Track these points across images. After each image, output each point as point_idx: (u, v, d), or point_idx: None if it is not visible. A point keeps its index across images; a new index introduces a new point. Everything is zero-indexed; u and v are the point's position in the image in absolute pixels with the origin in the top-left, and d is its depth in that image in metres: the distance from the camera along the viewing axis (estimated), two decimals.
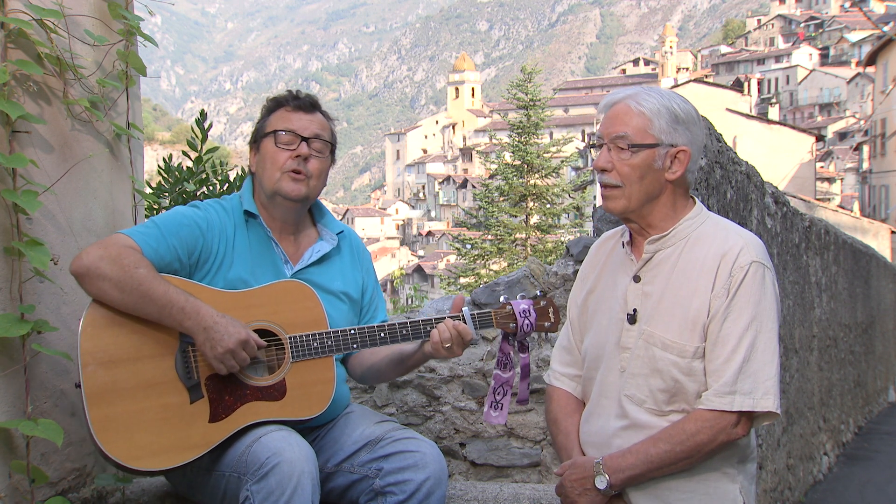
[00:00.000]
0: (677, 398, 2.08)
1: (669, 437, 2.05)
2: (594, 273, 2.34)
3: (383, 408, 3.67)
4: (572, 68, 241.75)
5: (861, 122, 64.58)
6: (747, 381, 2.01)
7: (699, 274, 2.08)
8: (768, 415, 2.05)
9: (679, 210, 2.16)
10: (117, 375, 2.29)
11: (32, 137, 2.46)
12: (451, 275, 30.64)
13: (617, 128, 2.12)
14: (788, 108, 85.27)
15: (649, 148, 2.10)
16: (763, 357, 2.03)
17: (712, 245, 2.10)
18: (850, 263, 10.15)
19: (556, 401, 2.35)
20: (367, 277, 2.77)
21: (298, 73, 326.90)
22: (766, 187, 5.38)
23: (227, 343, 2.27)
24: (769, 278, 2.08)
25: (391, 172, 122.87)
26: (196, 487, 2.47)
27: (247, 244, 2.55)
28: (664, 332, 2.09)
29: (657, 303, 2.12)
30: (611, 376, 2.18)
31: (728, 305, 2.04)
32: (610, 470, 2.08)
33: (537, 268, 3.68)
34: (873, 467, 8.57)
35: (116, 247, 2.32)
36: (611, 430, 2.16)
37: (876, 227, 27.29)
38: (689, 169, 2.15)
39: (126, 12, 2.81)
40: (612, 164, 2.12)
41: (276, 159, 2.53)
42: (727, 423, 2.02)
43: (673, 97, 2.15)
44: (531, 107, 30.33)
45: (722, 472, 2.11)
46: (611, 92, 2.25)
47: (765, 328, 2.04)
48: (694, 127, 2.15)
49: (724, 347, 2.03)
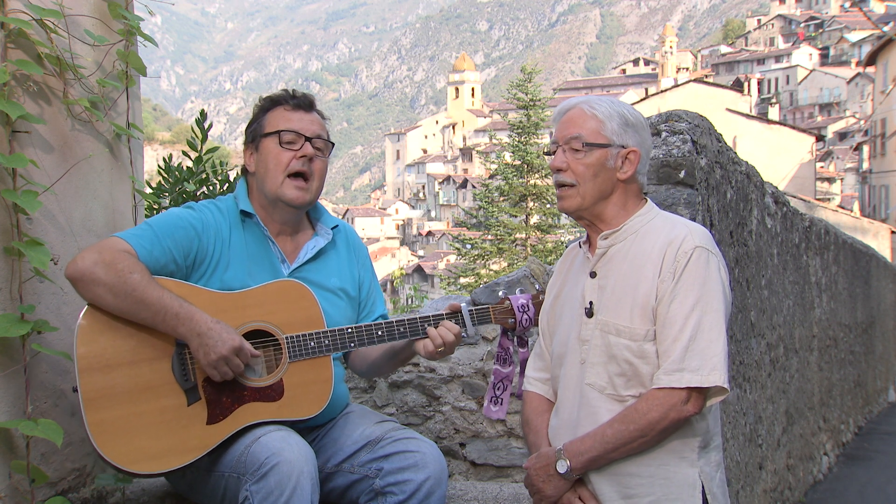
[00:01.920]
0: (633, 382, 2.17)
1: (623, 418, 2.14)
2: (560, 279, 2.45)
3: (383, 408, 3.67)
4: (572, 68, 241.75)
5: (861, 122, 64.59)
6: (695, 358, 2.10)
7: (647, 261, 2.19)
8: (718, 391, 2.13)
9: (630, 208, 2.28)
10: (114, 379, 2.28)
11: (32, 137, 2.46)
12: (451, 275, 30.66)
13: (571, 130, 2.26)
14: (788, 108, 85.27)
15: (602, 147, 2.23)
16: (709, 335, 2.11)
17: (660, 235, 2.21)
18: (851, 263, 10.15)
19: (528, 403, 2.45)
20: (364, 272, 2.76)
21: (298, 73, 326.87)
22: (766, 187, 5.38)
23: (221, 350, 2.27)
24: (714, 262, 2.17)
25: (391, 172, 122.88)
26: (196, 488, 2.47)
27: (243, 244, 2.54)
28: (616, 318, 2.19)
29: (610, 293, 2.23)
30: (573, 370, 2.27)
31: (674, 288, 2.13)
32: (570, 454, 2.17)
33: (537, 268, 3.68)
34: (873, 467, 8.56)
35: (111, 251, 2.30)
36: (575, 420, 2.24)
37: (876, 227, 27.28)
38: (639, 170, 2.28)
39: (126, 12, 2.81)
40: (568, 163, 2.25)
41: (280, 160, 2.52)
42: (677, 399, 2.10)
43: (623, 105, 2.31)
44: (531, 107, 30.36)
45: (680, 457, 2.17)
46: (563, 101, 2.40)
47: (710, 308, 2.12)
48: (643, 131, 2.29)
49: (671, 328, 2.12)
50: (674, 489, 2.16)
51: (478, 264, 29.08)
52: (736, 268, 4.30)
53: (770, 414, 5.37)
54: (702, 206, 3.48)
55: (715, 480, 2.21)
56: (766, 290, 5.22)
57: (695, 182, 3.42)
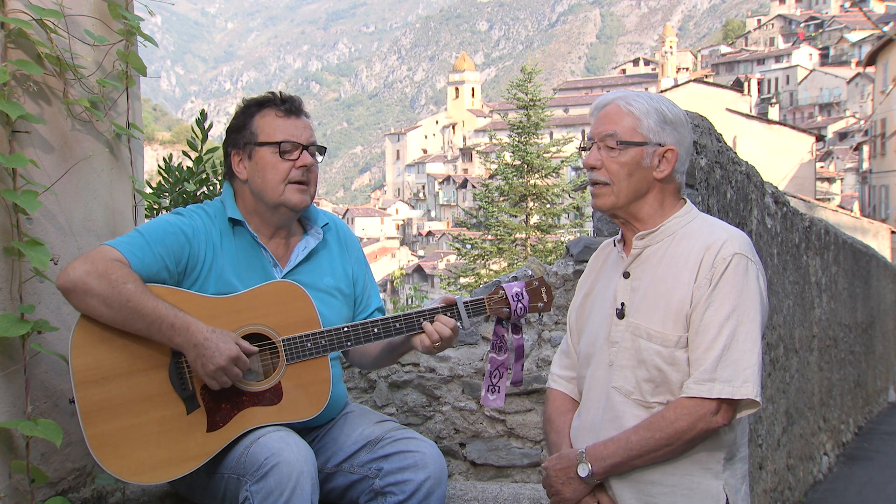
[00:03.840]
0: (661, 389, 2.11)
1: (650, 425, 2.08)
2: (591, 277, 2.39)
3: (383, 408, 3.67)
4: (572, 68, 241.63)
5: (861, 122, 64.56)
6: (727, 369, 2.03)
7: (683, 266, 2.12)
8: (749, 403, 2.07)
9: (667, 209, 2.21)
10: (112, 391, 2.27)
11: (32, 137, 2.46)
12: (451, 275, 30.64)
13: (607, 126, 2.18)
14: (788, 108, 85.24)
15: (637, 146, 2.15)
16: (744, 346, 2.04)
17: (698, 239, 2.14)
18: (850, 263, 10.15)
19: (551, 401, 2.40)
20: (358, 267, 2.73)
21: (298, 73, 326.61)
22: (766, 187, 5.38)
23: (219, 360, 2.25)
24: (752, 271, 2.11)
25: (391, 172, 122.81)
26: (196, 489, 2.47)
27: (234, 249, 2.51)
28: (648, 322, 2.13)
29: (643, 296, 2.16)
30: (600, 371, 2.22)
31: (710, 295, 2.07)
32: (592, 458, 2.12)
33: (537, 268, 3.68)
34: (873, 467, 8.56)
35: (104, 261, 2.27)
36: (598, 423, 2.19)
37: (876, 227, 27.27)
38: (677, 169, 2.20)
39: (126, 12, 2.80)
40: (602, 161, 2.18)
41: (279, 169, 2.47)
42: (707, 410, 2.04)
43: (662, 100, 2.22)
44: (531, 107, 30.33)
45: (705, 468, 2.11)
46: (601, 94, 2.31)
47: (746, 318, 2.06)
48: (682, 128, 2.20)
49: (705, 336, 2.05)
50: (696, 500, 2.10)
51: (478, 264, 29.06)
52: None
53: (770, 414, 5.37)
54: (702, 206, 3.49)
55: (740, 493, 2.15)
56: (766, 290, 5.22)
57: (695, 182, 3.42)
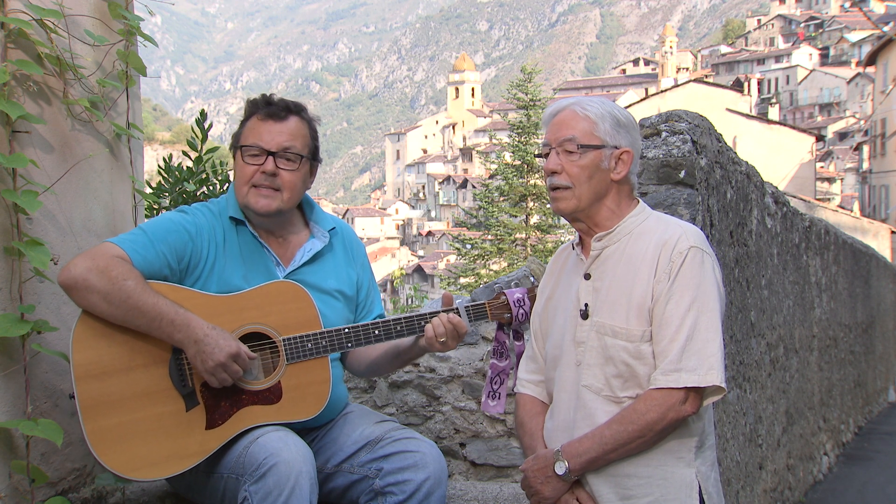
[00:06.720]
0: (630, 383, 2.17)
1: (622, 419, 2.14)
2: (552, 281, 2.44)
3: (383, 408, 3.67)
4: (572, 68, 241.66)
5: (861, 122, 64.58)
6: (692, 358, 2.10)
7: (642, 262, 2.19)
8: (715, 390, 2.14)
9: (623, 209, 2.28)
10: (111, 387, 2.28)
11: (32, 137, 2.46)
12: (451, 275, 30.67)
13: (564, 132, 2.25)
14: (788, 108, 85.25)
15: (596, 149, 2.23)
16: (706, 335, 2.12)
17: (654, 236, 2.21)
18: (850, 263, 10.15)
19: (522, 405, 2.44)
20: (363, 273, 2.73)
21: (298, 73, 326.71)
22: (766, 187, 5.38)
23: (218, 357, 2.26)
24: (708, 262, 2.18)
25: (391, 172, 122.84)
26: (195, 489, 2.47)
27: (237, 248, 2.52)
28: (612, 320, 2.19)
29: (605, 295, 2.22)
30: (568, 371, 2.27)
31: (670, 288, 2.14)
32: (568, 456, 2.17)
33: (537, 268, 3.68)
34: (873, 467, 8.56)
35: (105, 257, 2.28)
36: (572, 422, 2.24)
37: (876, 227, 27.27)
38: (632, 170, 2.28)
39: (126, 12, 2.81)
40: (562, 166, 2.24)
41: (244, 172, 2.49)
42: (675, 400, 2.11)
43: (613, 105, 2.30)
44: (531, 107, 30.38)
45: (678, 458, 2.18)
46: (553, 102, 2.39)
47: (706, 308, 2.13)
48: (633, 131, 2.29)
49: (668, 328, 2.13)
50: (671, 490, 2.16)
51: (478, 264, 29.08)
52: (736, 268, 4.30)
53: (770, 414, 5.37)
54: (702, 206, 3.49)
55: (710, 480, 2.22)
56: (766, 290, 5.22)
57: (695, 182, 3.42)
